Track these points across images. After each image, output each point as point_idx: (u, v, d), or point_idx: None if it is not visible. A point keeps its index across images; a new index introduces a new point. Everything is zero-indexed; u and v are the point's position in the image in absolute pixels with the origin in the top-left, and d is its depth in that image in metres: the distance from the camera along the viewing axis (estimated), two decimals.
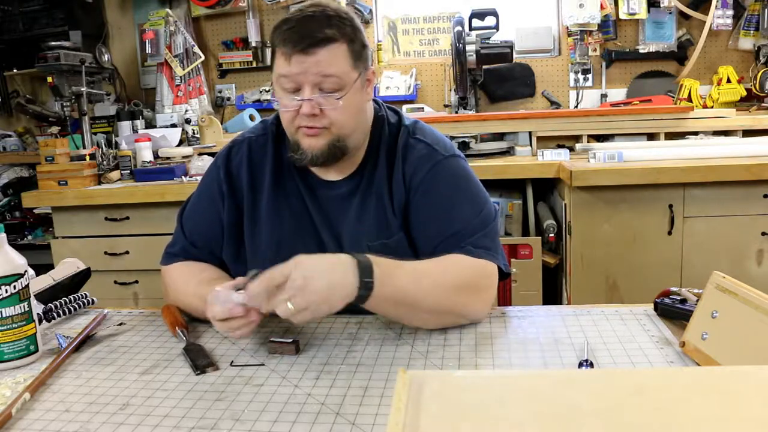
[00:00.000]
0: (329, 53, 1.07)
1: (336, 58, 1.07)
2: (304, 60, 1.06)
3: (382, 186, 1.19)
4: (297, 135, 1.14)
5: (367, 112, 1.20)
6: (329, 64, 1.07)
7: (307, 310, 0.91)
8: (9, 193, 3.43)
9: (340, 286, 0.93)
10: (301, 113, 1.09)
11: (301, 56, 1.06)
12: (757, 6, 3.02)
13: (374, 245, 1.17)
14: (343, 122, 1.11)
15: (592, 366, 0.90)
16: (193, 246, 1.26)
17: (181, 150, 2.81)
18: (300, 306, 0.90)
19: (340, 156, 1.15)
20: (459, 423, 0.51)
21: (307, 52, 1.06)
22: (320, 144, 1.12)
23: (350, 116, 1.12)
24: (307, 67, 1.07)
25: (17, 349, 1.01)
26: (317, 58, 1.06)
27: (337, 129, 1.12)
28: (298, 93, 1.09)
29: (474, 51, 2.85)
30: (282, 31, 1.08)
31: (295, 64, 1.07)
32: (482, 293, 1.10)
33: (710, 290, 0.89)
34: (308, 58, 1.06)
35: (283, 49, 1.08)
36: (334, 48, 1.07)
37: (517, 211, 2.57)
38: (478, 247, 1.12)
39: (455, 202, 1.17)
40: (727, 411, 0.51)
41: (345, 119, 1.11)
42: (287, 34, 1.07)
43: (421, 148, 1.19)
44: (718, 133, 2.74)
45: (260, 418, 0.82)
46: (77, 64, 2.96)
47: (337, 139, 1.12)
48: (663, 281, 1.94)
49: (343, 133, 1.13)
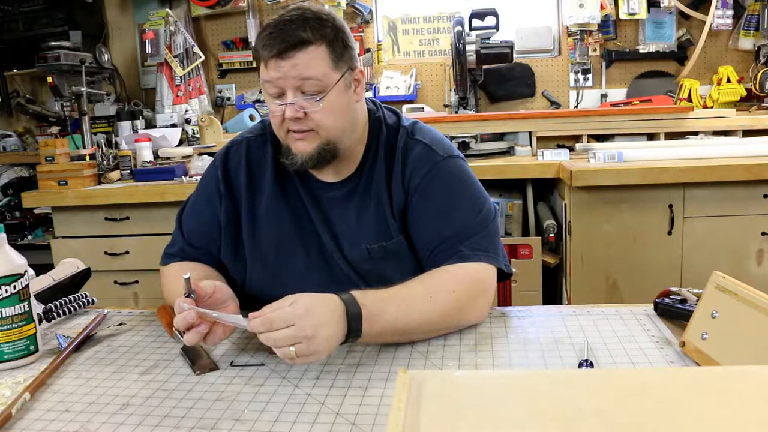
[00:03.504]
0: (306, 55, 1.06)
1: (313, 60, 1.07)
2: (282, 65, 1.06)
3: (381, 188, 1.19)
4: (287, 140, 1.14)
5: (359, 113, 1.18)
6: (307, 67, 1.06)
7: (308, 357, 0.89)
8: (9, 193, 3.42)
9: (336, 337, 0.92)
10: (286, 117, 1.09)
11: (279, 61, 1.06)
12: (757, 6, 3.01)
13: (373, 248, 1.17)
14: (328, 124, 1.11)
15: (592, 366, 0.90)
16: (191, 246, 1.26)
17: (181, 150, 2.80)
18: (303, 353, 0.88)
19: (331, 159, 1.15)
20: (459, 423, 0.51)
21: (283, 56, 1.06)
22: (310, 148, 1.12)
23: (335, 118, 1.12)
24: (286, 72, 1.06)
25: (17, 349, 1.01)
26: (294, 61, 1.06)
27: (325, 132, 1.11)
28: (283, 98, 1.09)
29: (474, 51, 2.85)
30: (261, 38, 1.09)
31: (274, 69, 1.07)
32: (478, 300, 1.09)
33: (710, 290, 0.89)
34: (285, 62, 1.06)
35: (263, 54, 1.08)
36: (311, 50, 1.06)
37: (517, 211, 2.57)
38: (476, 249, 1.11)
39: (453, 203, 1.16)
40: (727, 411, 0.51)
41: (330, 121, 1.11)
42: (266, 39, 1.07)
43: (419, 150, 1.19)
44: (718, 133, 2.73)
45: (260, 418, 0.82)
46: (77, 64, 2.96)
47: (326, 142, 1.12)
48: (663, 281, 1.95)
49: (332, 136, 1.12)
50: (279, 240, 1.21)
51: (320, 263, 1.20)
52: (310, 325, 0.88)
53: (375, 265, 1.18)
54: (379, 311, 0.97)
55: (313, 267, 1.20)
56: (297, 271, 1.20)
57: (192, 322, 0.94)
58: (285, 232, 1.21)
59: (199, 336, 0.95)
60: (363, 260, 1.18)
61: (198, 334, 0.95)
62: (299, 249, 1.20)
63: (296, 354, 0.88)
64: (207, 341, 0.97)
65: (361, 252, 1.18)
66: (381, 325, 0.97)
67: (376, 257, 1.18)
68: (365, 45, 3.41)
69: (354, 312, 0.94)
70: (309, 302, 0.91)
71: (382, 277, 1.13)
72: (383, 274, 1.15)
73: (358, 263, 1.18)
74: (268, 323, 0.89)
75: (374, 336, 0.97)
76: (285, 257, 1.20)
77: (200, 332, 0.95)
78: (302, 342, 0.88)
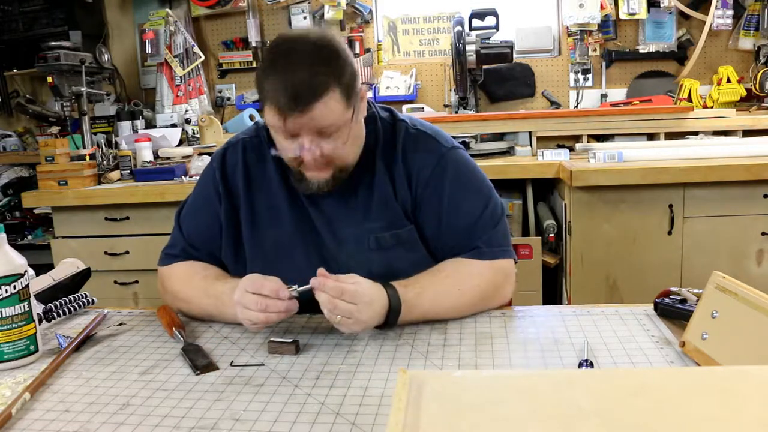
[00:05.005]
0: (323, 106, 1.02)
1: (330, 108, 1.03)
2: (299, 118, 1.02)
3: (383, 179, 1.19)
4: (300, 167, 1.13)
5: (362, 125, 1.18)
6: (323, 117, 1.03)
7: (346, 328, 1.01)
8: (9, 193, 3.42)
9: (378, 317, 1.04)
10: (305, 161, 1.09)
11: (295, 116, 1.02)
12: (757, 6, 3.01)
13: (383, 236, 1.18)
14: (346, 156, 1.12)
15: (592, 366, 0.90)
16: (193, 248, 1.26)
17: (181, 150, 2.81)
18: (348, 325, 1.00)
19: (345, 179, 1.15)
20: (459, 423, 0.51)
21: (301, 111, 1.01)
22: (326, 175, 1.12)
23: (352, 148, 1.13)
24: (303, 123, 1.03)
25: (17, 349, 1.01)
26: (311, 114, 1.02)
27: (341, 161, 1.12)
28: (296, 138, 1.07)
29: (474, 51, 2.85)
30: (269, 84, 1.03)
31: (289, 122, 1.03)
32: (500, 290, 1.18)
33: (710, 290, 0.89)
34: (303, 117, 1.02)
35: (273, 106, 1.03)
36: (326, 99, 1.02)
37: (517, 211, 2.57)
38: (492, 246, 1.18)
39: (462, 195, 1.19)
40: (727, 411, 0.51)
41: (348, 153, 1.12)
42: (275, 91, 1.02)
43: (423, 139, 1.21)
44: (718, 133, 2.73)
45: (260, 418, 0.82)
46: (77, 64, 2.96)
47: (340, 169, 1.13)
48: (663, 281, 1.95)
49: (348, 162, 1.14)
50: (279, 239, 1.21)
51: (321, 262, 1.20)
52: (368, 312, 1.01)
53: (383, 257, 1.18)
54: (414, 306, 1.08)
55: (314, 266, 1.19)
56: (297, 270, 1.20)
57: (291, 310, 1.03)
58: (285, 232, 1.21)
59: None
60: (370, 251, 1.18)
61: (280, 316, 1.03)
62: (299, 248, 1.20)
63: (340, 323, 1.00)
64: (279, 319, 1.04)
65: (364, 249, 1.18)
66: (414, 317, 1.09)
67: (387, 246, 1.18)
68: (365, 45, 3.41)
69: (395, 307, 1.05)
70: (372, 292, 1.03)
71: (390, 270, 1.14)
72: (391, 267, 1.15)
73: (363, 258, 1.18)
74: (339, 291, 0.99)
75: (403, 323, 1.08)
76: (285, 256, 1.20)
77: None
78: (352, 320, 0.99)
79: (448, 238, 1.19)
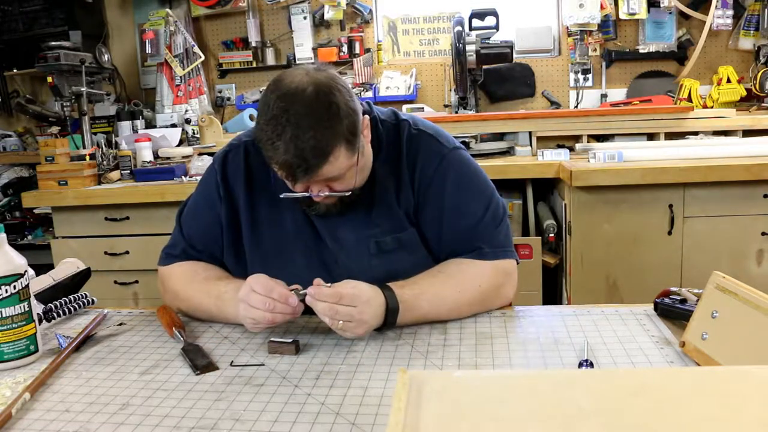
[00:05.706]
0: (330, 165, 1.03)
1: (337, 164, 1.04)
2: (308, 180, 1.06)
3: (386, 183, 1.19)
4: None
5: (368, 151, 1.17)
6: (332, 172, 1.05)
7: (349, 334, 1.02)
8: (9, 193, 3.42)
9: (378, 317, 1.04)
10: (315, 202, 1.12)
11: (304, 178, 1.04)
12: (757, 6, 3.01)
13: (384, 240, 1.18)
14: (354, 186, 1.13)
15: (592, 366, 0.90)
16: (194, 249, 1.26)
17: (181, 150, 2.81)
18: (349, 330, 1.01)
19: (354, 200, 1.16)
20: (459, 423, 0.51)
21: (309, 175, 1.03)
22: (334, 200, 1.14)
23: (360, 176, 1.13)
24: (312, 181, 1.07)
25: (17, 349, 1.01)
26: (320, 173, 1.04)
27: (350, 189, 1.13)
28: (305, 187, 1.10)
29: (474, 51, 2.85)
30: (272, 150, 1.01)
31: (299, 184, 1.07)
32: (502, 291, 1.18)
33: (710, 290, 0.89)
34: (312, 178, 1.05)
35: (280, 170, 1.05)
36: (333, 158, 1.03)
37: (517, 211, 2.57)
38: (495, 247, 1.18)
39: (464, 196, 1.19)
40: (727, 411, 0.51)
41: (357, 182, 1.13)
42: (280, 157, 1.01)
43: (426, 141, 1.21)
44: (718, 133, 2.73)
45: (260, 418, 0.82)
46: (77, 64, 2.96)
47: (350, 193, 1.13)
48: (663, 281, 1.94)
49: (356, 188, 1.14)
50: (279, 243, 1.21)
51: (321, 265, 1.20)
52: (369, 311, 1.01)
53: (384, 261, 1.18)
54: (413, 306, 1.08)
55: (314, 268, 1.19)
56: (297, 273, 1.20)
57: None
58: (285, 235, 1.21)
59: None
60: (371, 255, 1.18)
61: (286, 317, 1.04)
62: (299, 251, 1.20)
63: (343, 329, 1.00)
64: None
65: (365, 252, 1.18)
66: (413, 318, 1.09)
67: (388, 250, 1.18)
68: (365, 45, 3.41)
69: (393, 307, 1.05)
70: (369, 293, 1.03)
71: (391, 273, 1.14)
72: (393, 270, 1.15)
73: (364, 262, 1.18)
74: (337, 296, 1.00)
75: (403, 324, 1.08)
76: (285, 260, 1.20)
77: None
78: (354, 323, 1.00)
79: (449, 239, 1.19)
